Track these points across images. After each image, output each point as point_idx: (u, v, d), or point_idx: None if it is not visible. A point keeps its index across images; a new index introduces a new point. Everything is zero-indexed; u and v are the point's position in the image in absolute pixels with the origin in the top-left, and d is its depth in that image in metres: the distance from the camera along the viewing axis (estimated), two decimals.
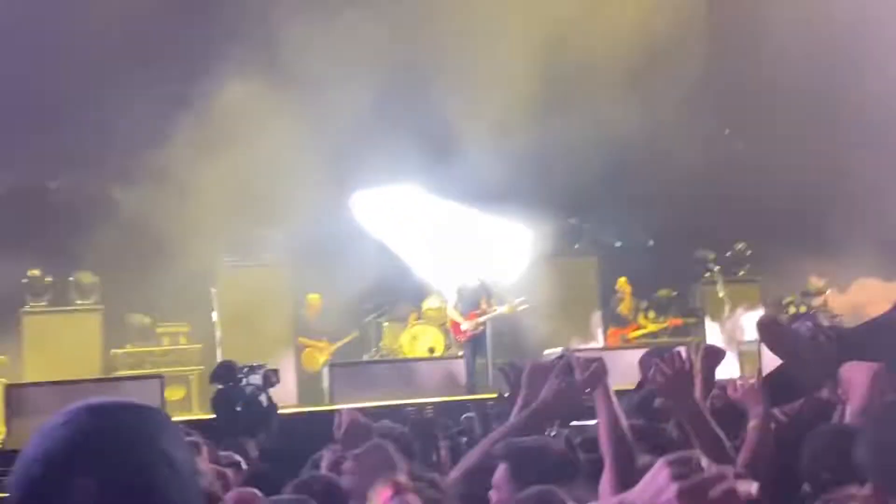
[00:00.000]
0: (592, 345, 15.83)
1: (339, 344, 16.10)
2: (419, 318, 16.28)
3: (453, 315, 15.17)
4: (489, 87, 15.70)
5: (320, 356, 15.80)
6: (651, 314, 16.93)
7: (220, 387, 10.59)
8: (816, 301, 17.09)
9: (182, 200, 15.02)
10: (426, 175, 16.27)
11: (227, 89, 15.30)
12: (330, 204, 15.81)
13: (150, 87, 15.11)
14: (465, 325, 14.92)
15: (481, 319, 14.83)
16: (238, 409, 10.32)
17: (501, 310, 14.89)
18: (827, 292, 17.09)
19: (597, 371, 4.06)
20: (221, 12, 15.93)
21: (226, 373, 10.60)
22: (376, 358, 15.86)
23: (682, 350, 4.32)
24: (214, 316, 14.45)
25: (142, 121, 14.98)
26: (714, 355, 5.22)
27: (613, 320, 16.71)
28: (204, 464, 4.58)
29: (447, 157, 16.02)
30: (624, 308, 16.69)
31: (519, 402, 4.66)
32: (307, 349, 15.96)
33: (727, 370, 14.50)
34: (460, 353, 14.85)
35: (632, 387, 6.26)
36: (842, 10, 15.95)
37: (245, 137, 15.36)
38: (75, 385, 12.62)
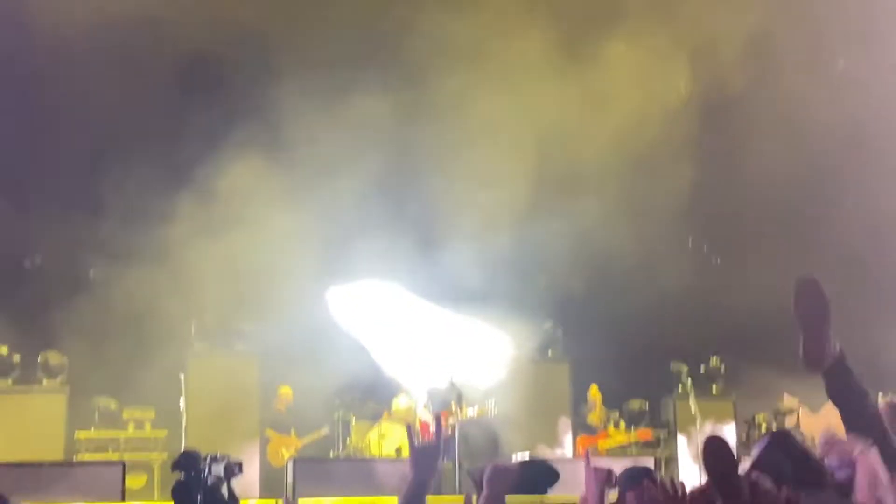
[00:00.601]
0: (559, 452, 15.70)
1: (307, 440, 15.91)
2: (389, 417, 16.11)
3: (423, 416, 15.03)
4: (477, 186, 15.77)
5: (286, 451, 15.60)
6: (622, 425, 16.84)
7: (181, 476, 10.44)
8: (788, 420, 17.05)
9: (160, 283, 14.94)
10: (405, 272, 16.26)
11: (217, 173, 15.33)
12: (309, 296, 15.75)
13: (140, 165, 15.11)
14: (434, 427, 14.78)
15: (451, 421, 14.70)
16: (198, 499, 10.17)
17: (471, 412, 14.76)
18: (799, 412, 17.06)
19: (601, 479, 4.16)
20: (223, 93, 16.02)
21: (187, 461, 10.43)
22: (342, 455, 15.66)
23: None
24: (181, 403, 14.27)
25: (130, 199, 14.99)
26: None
27: (583, 429, 16.59)
28: None
29: (427, 256, 16.03)
30: (594, 417, 16.59)
31: (481, 500, 4.62)
32: (273, 442, 15.75)
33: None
34: None
35: None
36: (826, 135, 16.16)
37: (231, 224, 15.34)
38: (33, 467, 12.39)
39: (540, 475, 4.82)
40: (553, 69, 16.42)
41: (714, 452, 3.73)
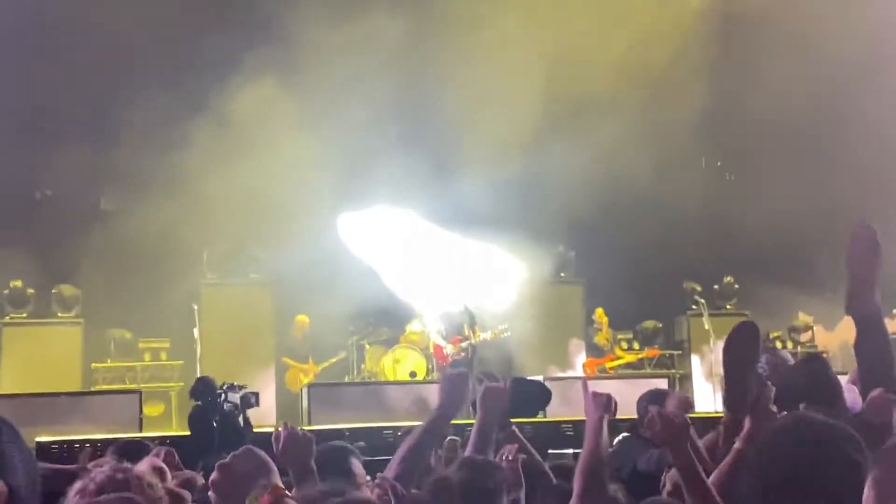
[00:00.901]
0: (570, 373, 15.74)
1: (325, 365, 15.98)
2: (405, 341, 16.15)
3: (436, 340, 15.07)
4: (487, 111, 15.61)
5: (304, 377, 15.67)
6: (636, 345, 16.86)
7: (198, 403, 10.52)
8: (803, 336, 17.06)
9: (172, 212, 14.89)
10: (417, 198, 16.19)
11: (229, 99, 15.19)
12: (323, 222, 15.72)
13: (151, 92, 14.98)
14: (448, 350, 14.82)
15: (464, 345, 14.73)
16: (214, 425, 10.24)
17: (485, 336, 14.78)
18: (814, 328, 17.07)
19: (601, 403, 4.11)
20: (235, 16, 15.86)
21: (204, 388, 10.52)
22: (357, 380, 15.74)
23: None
24: (196, 333, 14.32)
25: (141, 127, 14.91)
26: None
27: (591, 350, 16.61)
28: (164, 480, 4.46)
29: (438, 181, 15.95)
30: (601, 338, 16.58)
31: (477, 421, 4.63)
32: (291, 370, 15.83)
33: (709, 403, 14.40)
34: None
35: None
36: (840, 49, 15.95)
37: (243, 150, 15.26)
38: (51, 398, 12.51)
39: (532, 395, 4.81)
40: None
41: (741, 337, 3.70)
